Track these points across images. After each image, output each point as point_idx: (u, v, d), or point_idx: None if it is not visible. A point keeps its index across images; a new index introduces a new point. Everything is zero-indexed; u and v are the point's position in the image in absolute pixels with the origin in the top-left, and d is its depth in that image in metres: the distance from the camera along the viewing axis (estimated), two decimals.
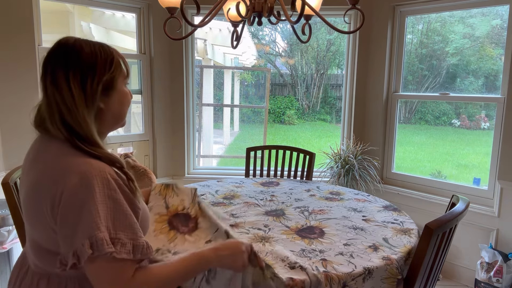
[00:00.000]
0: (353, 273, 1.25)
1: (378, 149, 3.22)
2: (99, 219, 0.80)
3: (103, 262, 0.80)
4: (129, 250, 0.83)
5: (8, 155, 2.65)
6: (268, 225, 1.67)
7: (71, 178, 0.82)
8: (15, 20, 2.58)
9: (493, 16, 3.29)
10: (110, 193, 0.83)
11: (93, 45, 0.92)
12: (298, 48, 12.67)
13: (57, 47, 0.92)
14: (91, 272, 0.82)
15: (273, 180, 2.45)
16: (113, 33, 5.09)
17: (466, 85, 3.98)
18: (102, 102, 0.92)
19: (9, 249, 2.14)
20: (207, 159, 6.27)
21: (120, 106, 0.97)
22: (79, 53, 0.89)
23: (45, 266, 0.90)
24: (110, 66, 0.92)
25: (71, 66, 0.88)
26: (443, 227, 1.32)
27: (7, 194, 1.56)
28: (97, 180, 0.82)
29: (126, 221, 0.84)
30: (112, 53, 0.94)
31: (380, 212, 1.84)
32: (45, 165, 0.87)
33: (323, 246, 1.45)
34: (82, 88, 0.88)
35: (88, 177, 0.82)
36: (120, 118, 0.99)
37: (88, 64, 0.89)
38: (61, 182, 0.82)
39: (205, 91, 6.17)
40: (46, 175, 0.86)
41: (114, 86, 0.94)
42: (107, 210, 0.82)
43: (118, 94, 0.95)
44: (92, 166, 0.84)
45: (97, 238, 0.79)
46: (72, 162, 0.84)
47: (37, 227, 0.88)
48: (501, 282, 2.41)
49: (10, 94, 2.63)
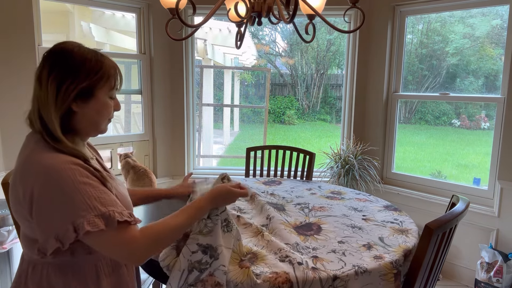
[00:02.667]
0: (341, 271, 1.25)
1: (378, 149, 3.22)
2: (77, 205, 0.88)
3: (103, 233, 0.90)
4: (127, 215, 0.94)
5: (8, 155, 2.65)
6: (270, 215, 1.68)
7: (39, 173, 0.89)
8: (15, 20, 2.59)
9: (493, 16, 3.29)
10: (83, 179, 0.91)
11: (87, 53, 0.99)
12: (298, 48, 12.68)
13: (54, 48, 0.99)
14: (97, 246, 0.93)
15: (275, 180, 2.46)
16: (113, 33, 5.09)
17: (466, 85, 3.98)
18: (77, 106, 0.97)
19: (9, 249, 2.14)
20: (207, 159, 6.28)
21: (97, 115, 1.02)
22: (68, 57, 0.96)
23: (30, 253, 0.98)
24: (94, 75, 0.98)
25: (56, 67, 0.95)
26: (443, 227, 1.31)
27: (7, 194, 1.56)
28: (67, 171, 0.90)
29: (110, 197, 0.94)
30: (102, 63, 0.99)
31: (381, 212, 1.84)
32: (22, 160, 0.95)
33: (317, 243, 1.46)
34: (56, 88, 0.95)
35: (56, 170, 0.89)
36: (96, 126, 1.04)
37: (72, 68, 0.96)
38: (31, 177, 0.90)
39: (205, 91, 6.17)
40: (20, 169, 0.94)
41: (94, 95, 0.99)
42: (88, 194, 0.90)
43: (97, 103, 1.00)
44: (58, 159, 0.91)
45: (78, 223, 0.87)
46: (42, 157, 0.92)
47: (19, 217, 0.96)
48: (501, 282, 2.41)
49: (10, 94, 2.63)
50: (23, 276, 0.99)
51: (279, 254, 1.33)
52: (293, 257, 1.30)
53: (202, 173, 3.54)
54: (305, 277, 1.20)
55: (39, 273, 0.97)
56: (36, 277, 0.97)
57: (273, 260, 1.30)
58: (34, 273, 0.98)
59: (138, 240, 0.94)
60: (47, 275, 0.97)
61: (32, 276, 0.98)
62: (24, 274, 0.99)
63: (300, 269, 1.24)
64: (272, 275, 1.20)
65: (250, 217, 1.72)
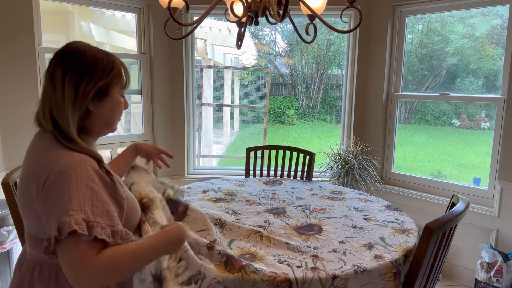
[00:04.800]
0: (341, 270, 1.25)
1: (378, 149, 3.22)
2: (70, 204, 0.84)
3: (78, 241, 0.82)
4: (108, 234, 0.85)
5: (8, 155, 2.65)
6: (268, 220, 1.68)
7: (54, 169, 0.89)
8: (15, 20, 2.58)
9: (493, 16, 3.29)
10: (88, 182, 0.89)
11: (98, 52, 0.99)
12: (298, 48, 12.68)
13: (65, 48, 0.98)
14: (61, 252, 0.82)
15: (276, 179, 2.46)
16: (113, 33, 5.10)
17: (466, 85, 3.98)
18: (93, 105, 0.98)
19: (9, 249, 2.14)
20: (207, 159, 6.28)
21: (111, 113, 1.03)
22: (81, 56, 0.96)
23: (38, 254, 0.96)
24: (108, 74, 0.98)
25: (71, 67, 0.95)
26: (443, 227, 1.32)
27: (7, 194, 1.56)
28: (76, 170, 0.88)
29: (104, 208, 0.88)
30: (114, 62, 1.01)
31: (382, 212, 1.84)
32: (36, 156, 0.95)
33: (318, 243, 1.46)
34: (74, 89, 0.94)
35: (68, 167, 0.88)
36: (110, 124, 1.05)
37: (87, 68, 0.96)
38: (45, 172, 0.89)
39: (205, 91, 6.17)
40: (34, 166, 0.93)
41: (108, 93, 1.00)
42: (84, 196, 0.86)
43: (111, 101, 1.01)
44: (74, 158, 0.91)
45: (63, 221, 0.82)
46: (58, 154, 0.91)
47: (28, 215, 0.95)
48: (501, 282, 2.41)
49: (10, 94, 2.63)
50: (26, 277, 0.98)
51: (277, 258, 1.33)
52: (291, 262, 1.30)
53: (202, 173, 3.54)
54: (304, 277, 1.20)
55: (46, 274, 0.96)
56: (44, 278, 0.96)
57: (271, 261, 1.30)
58: (41, 274, 0.96)
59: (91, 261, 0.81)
60: (56, 276, 0.95)
61: (39, 276, 0.96)
62: (29, 275, 0.97)
63: (299, 270, 1.24)
64: (271, 274, 1.20)
65: (245, 219, 1.72)
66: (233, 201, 1.96)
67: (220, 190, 2.17)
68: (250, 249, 1.38)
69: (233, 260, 1.22)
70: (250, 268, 1.20)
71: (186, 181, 3.40)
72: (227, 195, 2.05)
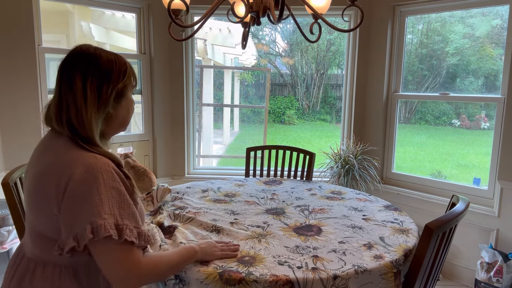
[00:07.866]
0: (341, 270, 1.25)
1: (378, 149, 3.22)
2: (102, 208, 0.87)
3: (112, 245, 0.88)
4: (136, 235, 0.91)
5: (8, 155, 2.65)
6: (267, 221, 1.68)
7: (77, 169, 0.89)
8: (15, 20, 2.58)
9: (493, 16, 3.28)
10: (115, 184, 0.91)
11: (109, 54, 1.00)
12: (298, 48, 12.68)
13: (77, 53, 0.98)
14: (99, 255, 0.89)
15: (276, 179, 2.46)
16: (113, 33, 5.09)
17: (466, 85, 3.98)
18: (112, 108, 1.00)
19: (9, 249, 2.14)
20: (207, 159, 6.28)
21: (127, 113, 1.06)
22: (98, 60, 0.97)
23: (43, 253, 0.96)
24: (123, 75, 1.00)
25: (91, 71, 0.95)
26: (443, 227, 1.32)
27: (7, 194, 1.56)
28: (102, 173, 0.90)
29: (130, 210, 0.93)
30: (125, 63, 1.02)
31: (381, 212, 1.84)
32: (53, 155, 0.94)
33: (318, 244, 1.46)
34: (97, 93, 0.95)
35: (94, 169, 0.89)
36: (125, 124, 1.07)
37: (105, 71, 0.96)
38: (67, 172, 0.89)
39: (205, 91, 6.17)
40: (53, 165, 0.92)
41: (125, 94, 1.01)
42: (113, 199, 0.89)
43: (126, 102, 1.04)
44: (98, 160, 0.92)
45: (98, 224, 0.85)
46: (79, 154, 0.92)
47: (39, 214, 0.94)
48: (501, 282, 2.41)
49: (10, 94, 2.63)
50: (27, 274, 0.97)
51: (277, 259, 1.32)
52: (292, 263, 1.30)
53: (202, 173, 3.54)
54: (305, 277, 1.20)
55: (50, 274, 0.96)
56: (47, 276, 0.96)
57: (271, 263, 1.29)
58: (44, 273, 0.96)
59: (141, 266, 0.91)
60: (59, 276, 0.95)
61: (41, 275, 0.96)
62: (30, 274, 0.97)
63: (300, 271, 1.24)
64: (272, 279, 1.19)
65: (244, 219, 1.72)
66: (232, 202, 1.96)
67: (220, 190, 2.17)
68: (249, 252, 1.38)
69: (232, 273, 1.21)
70: (250, 278, 1.19)
71: (186, 181, 3.40)
72: (226, 196, 2.05)
